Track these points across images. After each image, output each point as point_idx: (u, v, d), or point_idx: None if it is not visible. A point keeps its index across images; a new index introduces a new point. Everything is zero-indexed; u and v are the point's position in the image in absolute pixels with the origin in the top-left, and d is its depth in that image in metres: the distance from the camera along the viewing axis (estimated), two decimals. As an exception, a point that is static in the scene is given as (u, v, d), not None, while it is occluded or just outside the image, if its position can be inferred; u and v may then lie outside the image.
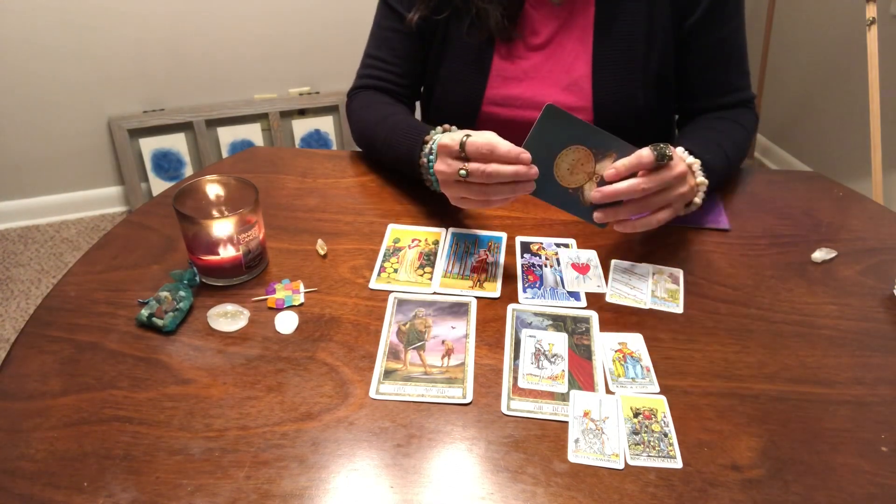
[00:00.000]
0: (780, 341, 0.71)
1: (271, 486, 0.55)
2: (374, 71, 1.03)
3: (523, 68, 0.98)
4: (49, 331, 0.70)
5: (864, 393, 0.65)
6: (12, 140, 2.15)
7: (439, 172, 0.78)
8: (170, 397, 0.63)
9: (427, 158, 0.84)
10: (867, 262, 0.83)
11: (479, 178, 0.73)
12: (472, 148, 0.73)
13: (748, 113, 0.99)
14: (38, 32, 2.02)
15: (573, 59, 0.96)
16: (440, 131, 0.86)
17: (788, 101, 2.57)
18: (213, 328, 0.71)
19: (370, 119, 0.97)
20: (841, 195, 0.96)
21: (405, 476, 0.57)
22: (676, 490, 0.56)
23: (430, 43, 1.00)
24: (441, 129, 0.86)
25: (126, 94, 2.20)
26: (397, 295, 0.76)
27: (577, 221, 0.88)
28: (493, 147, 0.71)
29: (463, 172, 0.74)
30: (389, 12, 1.00)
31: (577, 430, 0.61)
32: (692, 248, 0.84)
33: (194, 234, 0.74)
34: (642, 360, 0.68)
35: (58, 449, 0.58)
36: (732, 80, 0.98)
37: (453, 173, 0.75)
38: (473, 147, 0.73)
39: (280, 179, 0.97)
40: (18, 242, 2.20)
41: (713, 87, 0.98)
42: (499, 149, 0.71)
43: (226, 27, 2.19)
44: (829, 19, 2.31)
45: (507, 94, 0.98)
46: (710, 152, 0.86)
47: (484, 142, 0.72)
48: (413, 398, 0.64)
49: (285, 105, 2.35)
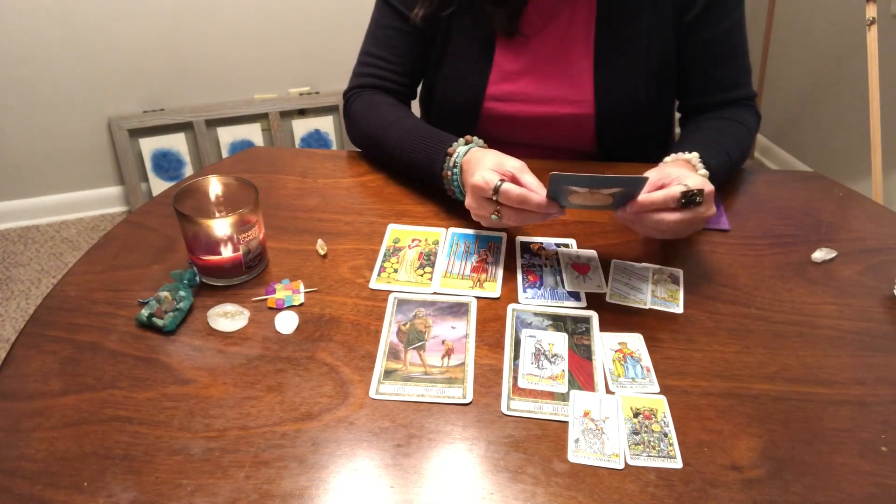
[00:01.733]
0: (780, 341, 0.71)
1: (271, 486, 0.55)
2: (373, 70, 1.02)
3: (525, 63, 0.98)
4: (49, 331, 0.70)
5: (864, 393, 0.65)
6: (12, 140, 2.15)
7: (471, 208, 0.79)
8: (170, 397, 0.63)
9: (451, 171, 0.84)
10: (867, 262, 0.83)
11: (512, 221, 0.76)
12: (504, 198, 0.73)
13: (750, 112, 0.99)
14: (38, 32, 2.02)
15: (575, 54, 0.97)
16: (463, 143, 0.86)
17: (788, 101, 2.57)
18: (213, 328, 0.71)
19: (377, 121, 0.97)
20: (841, 195, 0.96)
21: (405, 476, 0.57)
22: (676, 490, 0.56)
23: (433, 41, 1.00)
24: (464, 142, 0.86)
25: (126, 94, 2.20)
26: (397, 295, 0.76)
27: (576, 221, 0.88)
28: (524, 199, 0.72)
29: (495, 217, 0.75)
30: (389, 11, 1.00)
31: (577, 430, 0.61)
32: (692, 248, 0.84)
33: (194, 234, 0.74)
34: (642, 360, 0.68)
35: (58, 449, 0.58)
36: (733, 75, 0.98)
37: (486, 215, 0.77)
38: (505, 197, 0.73)
39: (280, 179, 0.97)
40: (18, 242, 2.20)
41: (713, 83, 0.98)
42: (530, 201, 0.72)
43: (226, 27, 2.19)
44: (829, 19, 2.31)
45: (508, 89, 0.99)
46: (715, 157, 0.86)
47: (517, 194, 0.72)
48: (413, 398, 0.64)
49: (285, 105, 2.35)
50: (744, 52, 0.98)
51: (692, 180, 0.72)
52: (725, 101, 0.98)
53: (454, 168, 0.84)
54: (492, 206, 0.75)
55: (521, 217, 0.75)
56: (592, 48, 0.95)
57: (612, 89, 0.96)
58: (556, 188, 0.70)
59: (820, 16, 2.35)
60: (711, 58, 0.97)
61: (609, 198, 0.71)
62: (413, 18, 0.97)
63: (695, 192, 0.71)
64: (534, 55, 0.98)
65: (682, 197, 0.70)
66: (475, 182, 0.75)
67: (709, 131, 0.94)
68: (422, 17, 0.96)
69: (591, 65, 0.96)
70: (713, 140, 0.90)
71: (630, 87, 0.96)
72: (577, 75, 0.97)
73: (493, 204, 0.75)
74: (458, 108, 1.01)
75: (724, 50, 0.96)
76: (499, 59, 0.98)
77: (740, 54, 0.98)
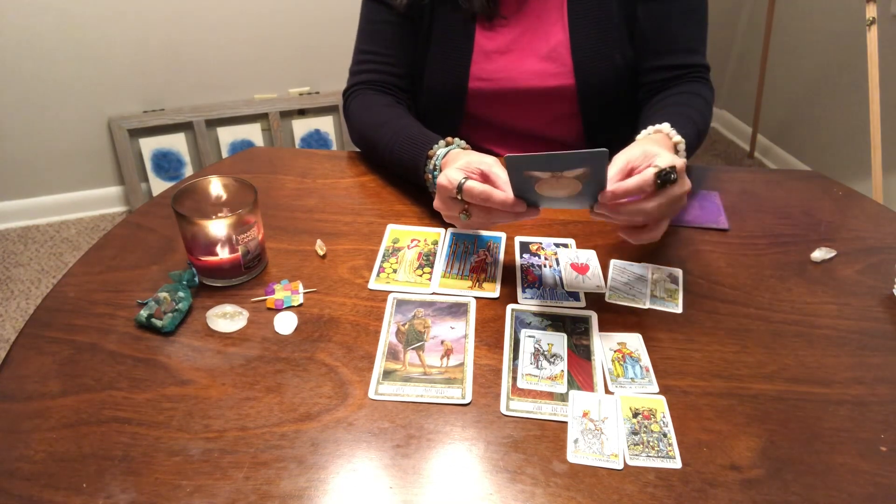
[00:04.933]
0: (779, 341, 0.71)
1: (270, 487, 0.55)
2: (369, 65, 1.04)
3: (505, 42, 1.00)
4: (48, 332, 0.70)
5: (863, 393, 0.65)
6: (12, 140, 2.15)
7: (439, 209, 0.78)
8: (169, 398, 0.63)
9: (432, 174, 0.85)
10: (867, 261, 0.83)
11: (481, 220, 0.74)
12: (468, 195, 0.72)
13: (705, 86, 1.00)
14: (38, 32, 2.02)
15: (550, 28, 0.99)
16: (443, 145, 0.86)
17: (788, 101, 2.57)
18: (212, 329, 0.71)
19: (371, 122, 0.98)
20: (840, 194, 0.96)
21: (404, 477, 0.57)
22: (676, 490, 0.56)
23: (419, 28, 1.02)
24: (444, 143, 0.86)
25: (126, 94, 2.20)
26: (396, 295, 0.76)
27: (576, 221, 0.88)
28: (488, 197, 0.70)
29: (464, 217, 0.74)
30: (375, 5, 1.02)
31: (576, 430, 0.61)
32: (691, 248, 0.84)
33: (193, 234, 0.74)
34: (641, 360, 0.68)
35: (57, 450, 0.58)
36: (690, 38, 1.00)
37: (454, 215, 0.76)
38: (469, 195, 0.72)
39: (279, 180, 0.97)
40: (18, 242, 2.20)
41: (671, 44, 0.99)
42: (494, 198, 0.70)
43: (226, 27, 2.19)
44: (829, 19, 2.31)
45: (491, 68, 1.01)
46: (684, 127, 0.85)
47: (480, 191, 0.71)
48: (412, 399, 0.64)
49: (285, 105, 2.35)
50: (703, 20, 1.00)
51: (661, 159, 0.70)
52: (682, 66, 0.99)
53: (434, 171, 0.84)
54: (458, 206, 0.74)
55: (490, 216, 0.73)
56: (567, 19, 0.98)
57: (588, 58, 0.98)
58: (518, 176, 0.67)
59: (820, 16, 2.35)
60: (670, 16, 0.98)
61: (577, 184, 0.67)
62: (397, 7, 0.99)
63: (667, 170, 0.68)
64: (512, 33, 1.00)
65: (656, 178, 0.68)
66: (439, 181, 0.75)
67: (672, 106, 0.94)
68: (406, 5, 0.98)
69: (567, 37, 0.98)
70: (679, 112, 0.90)
71: (605, 54, 0.98)
72: (554, 48, 0.99)
73: (459, 203, 0.74)
74: (446, 91, 1.03)
75: (683, 10, 0.98)
76: (480, 39, 1.00)
77: (700, 20, 1.00)
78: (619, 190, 0.67)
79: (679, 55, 0.99)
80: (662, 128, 0.82)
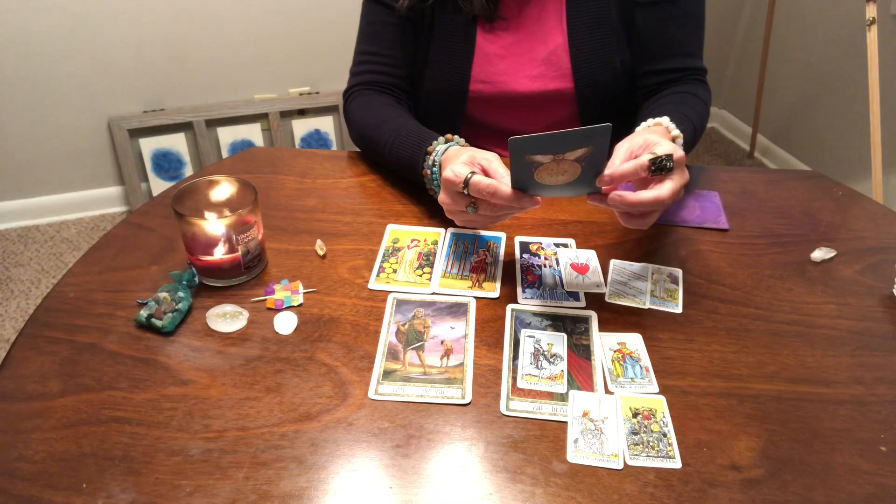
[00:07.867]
0: (779, 341, 0.71)
1: (270, 487, 0.55)
2: (369, 66, 1.04)
3: (504, 45, 1.01)
4: (48, 332, 0.70)
5: (863, 393, 0.65)
6: (12, 140, 2.15)
7: (444, 203, 0.78)
8: (169, 398, 0.63)
9: (430, 170, 0.85)
10: (867, 261, 0.83)
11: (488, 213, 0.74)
12: (474, 190, 0.72)
13: (703, 87, 1.00)
14: (39, 32, 2.02)
15: (549, 31, 1.00)
16: (443, 142, 0.86)
17: (788, 101, 2.57)
18: (212, 329, 0.71)
19: (371, 121, 0.98)
20: (840, 194, 0.96)
21: (404, 477, 0.57)
22: (675, 490, 0.56)
23: (419, 29, 1.02)
24: (444, 140, 0.86)
25: (126, 94, 2.20)
26: (396, 295, 0.76)
27: (576, 221, 0.88)
28: (495, 191, 0.71)
29: (471, 210, 0.74)
30: (376, 6, 1.02)
31: (576, 430, 0.61)
32: (691, 248, 0.84)
33: (193, 234, 0.74)
34: (641, 360, 0.68)
35: (57, 450, 0.58)
36: (687, 42, 1.00)
37: (461, 210, 0.76)
38: (476, 189, 0.72)
39: (279, 180, 0.97)
40: (18, 242, 2.20)
41: (669, 47, 1.00)
42: (500, 193, 0.71)
43: (226, 27, 2.19)
44: (829, 19, 2.31)
45: (491, 70, 1.01)
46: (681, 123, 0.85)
47: (486, 185, 0.71)
48: (412, 399, 0.64)
49: (285, 105, 2.35)
50: (701, 23, 1.00)
51: (661, 147, 0.70)
52: (680, 70, 1.00)
53: (433, 167, 0.84)
54: (464, 201, 0.74)
55: (496, 209, 0.73)
56: (566, 24, 0.98)
57: (587, 61, 0.98)
58: (519, 162, 0.67)
59: (820, 16, 2.35)
60: (668, 21, 0.98)
61: (577, 167, 0.67)
62: (399, 9, 0.99)
63: (663, 157, 0.68)
64: (513, 36, 1.00)
65: (651, 164, 0.68)
66: (445, 176, 0.75)
67: (670, 104, 0.95)
68: (407, 7, 0.99)
69: (566, 41, 0.99)
70: (676, 110, 0.90)
71: (604, 57, 0.98)
72: (553, 52, 0.99)
73: (465, 198, 0.74)
74: (446, 93, 1.04)
75: (681, 15, 0.98)
76: (480, 42, 1.01)
77: (697, 24, 1.00)
78: (615, 174, 0.68)
79: (677, 59, 1.00)
80: (662, 121, 0.82)
